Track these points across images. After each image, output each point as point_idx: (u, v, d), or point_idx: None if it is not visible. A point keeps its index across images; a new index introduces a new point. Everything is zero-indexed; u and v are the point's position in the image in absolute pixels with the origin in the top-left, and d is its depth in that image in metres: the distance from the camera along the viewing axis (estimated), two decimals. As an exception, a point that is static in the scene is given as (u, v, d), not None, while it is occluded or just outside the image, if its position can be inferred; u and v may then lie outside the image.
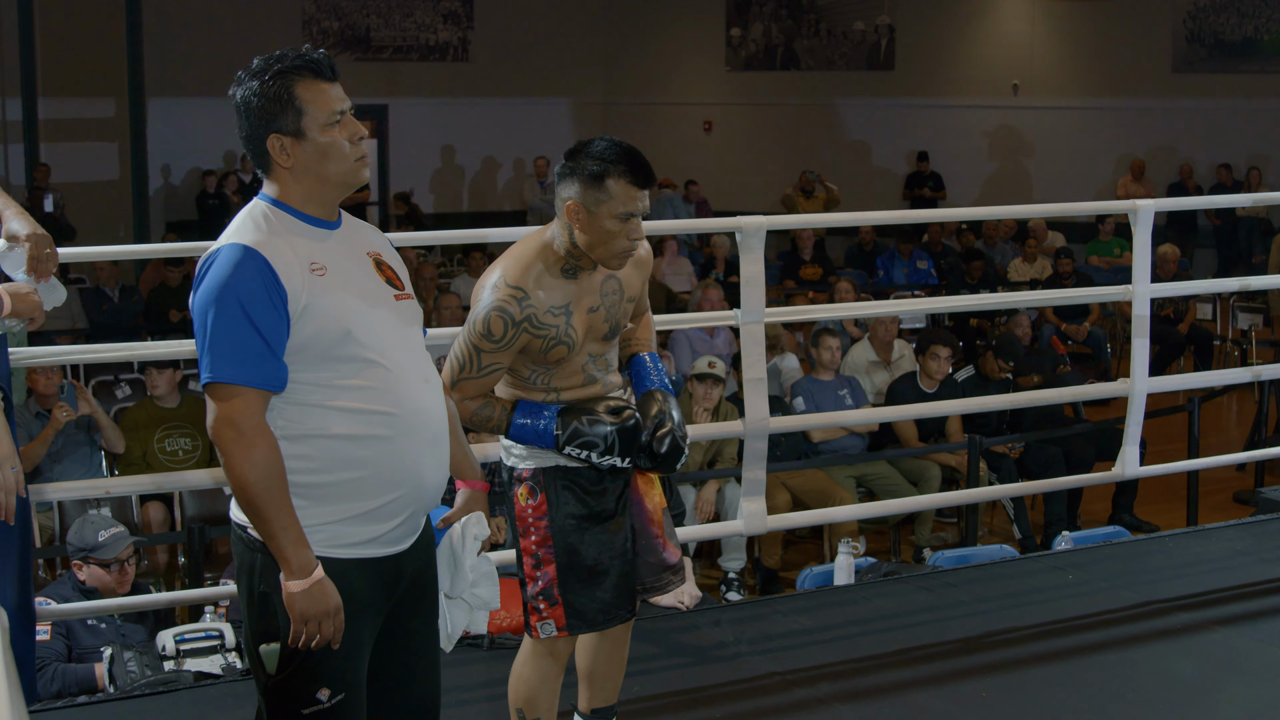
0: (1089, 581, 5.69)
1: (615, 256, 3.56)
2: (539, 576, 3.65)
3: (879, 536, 8.69)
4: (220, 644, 5.13)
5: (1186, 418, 8.79)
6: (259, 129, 2.98)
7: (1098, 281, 13.51)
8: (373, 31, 21.55)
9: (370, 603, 3.04)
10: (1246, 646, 5.03)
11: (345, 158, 3.03)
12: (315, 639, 2.91)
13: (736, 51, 22.68)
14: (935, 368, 8.70)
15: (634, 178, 3.50)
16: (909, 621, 5.27)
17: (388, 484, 3.01)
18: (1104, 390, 6.91)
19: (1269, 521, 6.53)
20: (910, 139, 20.72)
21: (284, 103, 2.96)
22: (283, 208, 3.01)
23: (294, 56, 2.99)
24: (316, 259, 2.96)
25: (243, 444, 2.85)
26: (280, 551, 2.89)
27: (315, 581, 2.90)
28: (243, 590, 3.04)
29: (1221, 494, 9.48)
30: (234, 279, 2.86)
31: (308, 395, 2.94)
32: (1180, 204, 13.20)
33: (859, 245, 16.20)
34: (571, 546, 3.63)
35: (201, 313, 2.89)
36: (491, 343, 3.51)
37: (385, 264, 3.13)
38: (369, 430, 2.97)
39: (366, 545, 3.01)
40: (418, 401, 3.06)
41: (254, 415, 2.87)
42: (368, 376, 2.97)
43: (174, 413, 8.01)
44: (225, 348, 2.86)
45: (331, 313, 2.93)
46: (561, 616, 3.64)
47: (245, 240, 2.91)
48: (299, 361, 2.93)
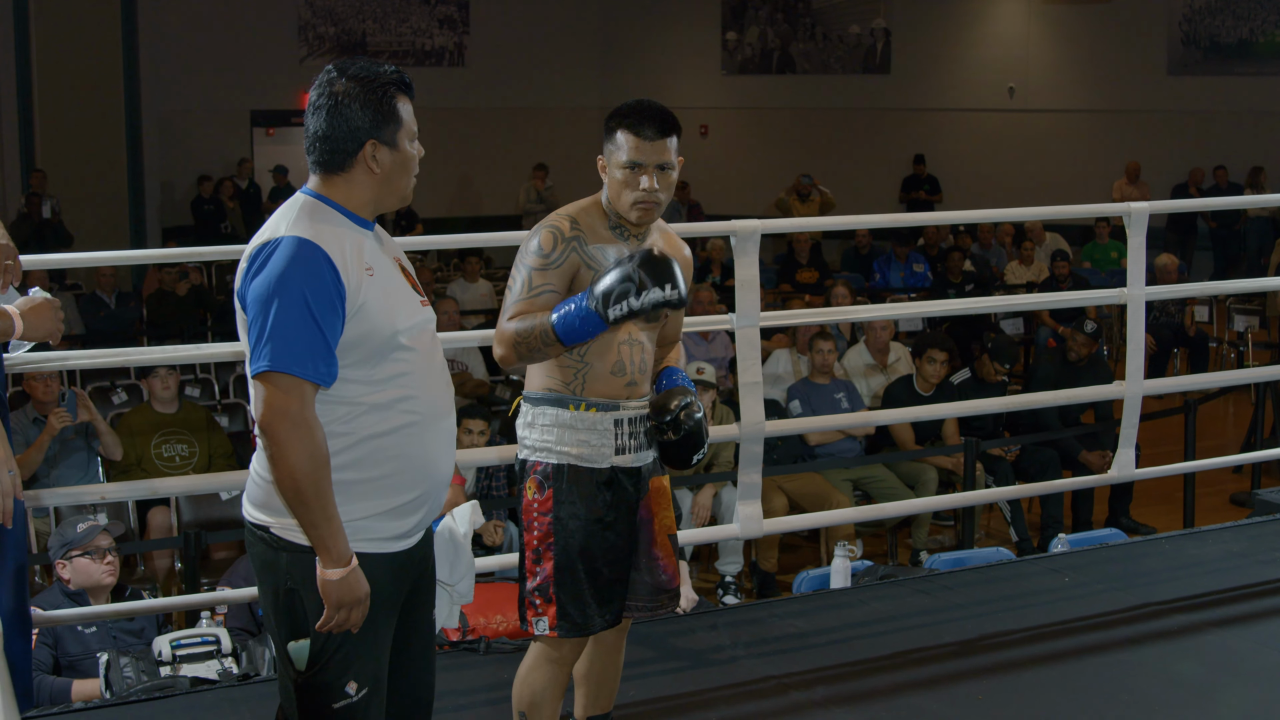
0: (1085, 584, 5.70)
1: (627, 209, 3.65)
2: (537, 572, 3.65)
3: (876, 539, 8.69)
4: (217, 649, 5.12)
5: (1183, 420, 8.79)
6: (358, 131, 3.05)
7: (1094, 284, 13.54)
8: (368, 37, 21.56)
9: (392, 597, 3.14)
10: (1243, 648, 5.03)
11: (413, 173, 3.17)
12: (343, 626, 2.99)
13: (732, 55, 22.69)
14: (932, 371, 8.70)
15: (635, 128, 3.61)
16: (905, 624, 5.27)
17: (414, 482, 3.11)
18: (1101, 393, 6.91)
19: (1265, 523, 6.54)
20: (906, 142, 20.74)
21: (389, 112, 3.08)
22: (334, 206, 3.08)
23: (392, 71, 3.11)
24: (368, 260, 3.05)
25: (299, 435, 2.90)
26: (322, 541, 2.94)
27: (352, 569, 2.97)
28: (267, 589, 3.09)
29: (1218, 496, 9.49)
30: (298, 271, 2.92)
31: (349, 392, 3.02)
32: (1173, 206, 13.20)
33: (855, 249, 16.22)
34: (572, 546, 3.63)
35: (263, 301, 2.93)
36: (542, 258, 3.57)
37: (406, 270, 3.23)
38: (402, 430, 3.06)
39: (391, 540, 3.11)
40: (443, 405, 3.19)
41: (308, 406, 2.93)
42: (406, 378, 3.07)
43: (172, 418, 8.01)
44: (287, 338, 2.90)
45: (384, 313, 3.03)
46: (554, 616, 3.64)
47: (307, 234, 2.97)
48: (346, 359, 3.00)
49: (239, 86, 19.94)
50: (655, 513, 3.77)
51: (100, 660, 5.12)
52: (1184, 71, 19.89)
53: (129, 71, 17.74)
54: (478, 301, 12.99)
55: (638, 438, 3.70)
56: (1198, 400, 9.16)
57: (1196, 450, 8.66)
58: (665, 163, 3.62)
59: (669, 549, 3.80)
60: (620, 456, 3.66)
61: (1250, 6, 19.48)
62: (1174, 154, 19.16)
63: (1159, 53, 20.01)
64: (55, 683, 5.29)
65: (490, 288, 13.62)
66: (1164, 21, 19.93)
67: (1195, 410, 8.81)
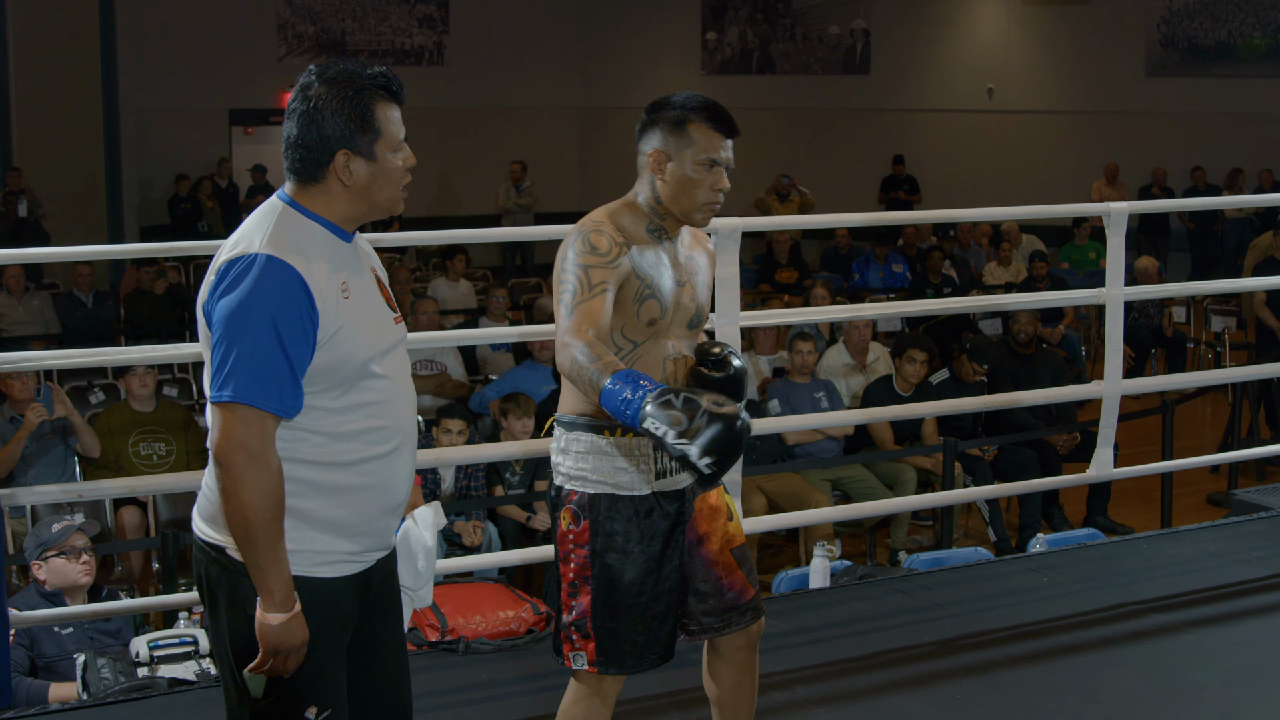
0: (1063, 583, 5.71)
1: (698, 208, 3.47)
2: (574, 606, 3.49)
3: (854, 539, 8.69)
4: (194, 650, 5.10)
5: (1161, 420, 8.82)
6: (328, 141, 2.89)
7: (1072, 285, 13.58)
8: (348, 36, 21.52)
9: (352, 616, 3.03)
10: (1220, 648, 5.05)
11: (398, 185, 3.00)
12: (277, 671, 2.87)
13: (712, 55, 22.70)
14: (911, 371, 8.71)
15: (716, 123, 3.45)
16: (884, 624, 5.28)
17: (378, 506, 3.00)
18: (1078, 392, 6.92)
19: (1242, 523, 6.56)
20: (885, 143, 20.76)
21: (364, 122, 2.91)
22: (312, 216, 2.93)
23: (374, 75, 2.94)
24: (345, 280, 2.91)
25: (254, 470, 2.77)
26: (265, 583, 2.81)
27: (294, 615, 2.84)
28: (221, 611, 2.95)
29: (1195, 496, 9.52)
30: (270, 296, 2.77)
31: (315, 421, 2.89)
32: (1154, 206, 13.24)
33: (834, 249, 16.24)
34: (610, 580, 3.44)
35: (230, 324, 2.78)
36: (598, 256, 3.35)
37: (382, 283, 3.09)
38: (370, 461, 2.95)
39: (352, 563, 3.00)
40: (409, 427, 3.05)
41: (268, 441, 2.79)
42: (375, 406, 2.95)
43: (149, 417, 7.99)
44: (251, 368, 2.77)
45: (357, 340, 2.89)
46: (593, 651, 3.46)
47: (282, 254, 2.81)
48: (316, 386, 2.87)
49: (217, 85, 19.90)
50: (706, 533, 3.57)
51: (77, 661, 5.10)
52: (1162, 73, 19.95)
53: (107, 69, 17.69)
54: (459, 301, 12.97)
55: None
56: (1175, 400, 9.20)
57: (1174, 450, 8.69)
58: (732, 162, 3.49)
59: (730, 564, 3.59)
60: (661, 481, 3.45)
61: (1228, 9, 19.55)
62: (1152, 155, 19.21)
63: (1137, 54, 20.07)
64: (32, 685, 5.26)
65: (470, 287, 13.60)
66: (1142, 23, 19.99)
67: (1173, 410, 8.84)
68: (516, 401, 7.81)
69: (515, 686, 4.74)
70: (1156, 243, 17.82)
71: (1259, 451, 8.12)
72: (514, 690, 4.72)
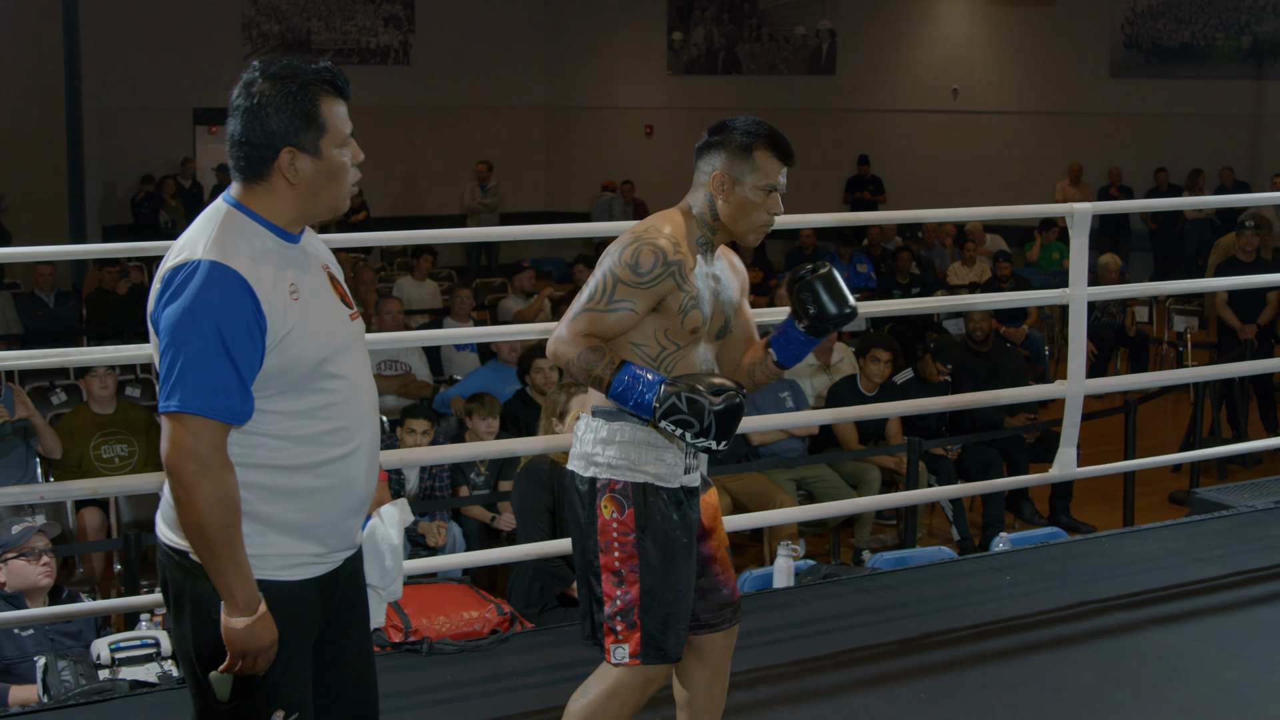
0: (1026, 582, 5.73)
1: (754, 229, 3.63)
2: (618, 596, 3.51)
3: (818, 539, 8.71)
4: (156, 652, 5.07)
5: (1123, 419, 8.86)
6: (273, 138, 2.86)
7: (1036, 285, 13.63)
8: (313, 35, 21.46)
9: (316, 618, 3.01)
10: (1181, 645, 5.07)
11: (345, 182, 2.96)
12: (247, 672, 2.86)
13: (678, 55, 22.70)
14: (875, 371, 8.73)
15: (778, 152, 3.59)
16: (848, 623, 5.29)
17: (339, 507, 2.98)
18: (1041, 392, 6.95)
19: (1203, 522, 6.59)
20: (850, 143, 20.81)
21: (309, 118, 2.87)
22: (256, 218, 2.89)
23: (318, 70, 2.91)
24: (293, 280, 2.87)
25: (207, 479, 2.75)
26: (228, 588, 2.80)
27: (259, 617, 2.83)
28: (185, 616, 2.93)
29: (1157, 495, 9.56)
30: (214, 303, 2.74)
31: (270, 424, 2.86)
32: (1117, 207, 13.32)
33: (799, 249, 16.26)
34: (659, 569, 3.51)
35: (175, 332, 2.75)
36: (636, 275, 3.43)
37: (336, 280, 3.06)
38: (327, 459, 2.92)
39: (316, 564, 2.98)
40: (369, 426, 3.03)
41: (218, 449, 2.77)
42: (333, 408, 2.92)
43: (110, 418, 7.95)
44: (198, 376, 2.74)
45: (308, 341, 2.86)
46: (637, 643, 3.50)
47: (226, 259, 2.78)
48: (269, 390, 2.84)
49: (181, 84, 19.80)
50: (710, 529, 3.72)
51: (38, 664, 5.06)
52: (1126, 74, 20.06)
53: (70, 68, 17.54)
54: (424, 301, 12.93)
55: (696, 455, 3.62)
56: (1138, 400, 9.25)
57: (1136, 449, 8.74)
58: (784, 190, 3.65)
59: (727, 563, 3.76)
60: (688, 475, 3.60)
61: (1192, 10, 19.68)
62: (1116, 156, 19.32)
63: (1101, 55, 20.18)
64: (-9, 688, 5.23)
65: (436, 287, 13.57)
66: (1107, 25, 20.09)
67: (1135, 410, 8.88)
68: (482, 402, 7.80)
69: (479, 687, 4.74)
70: (1118, 242, 17.90)
71: (1220, 450, 8.17)
72: (478, 691, 4.71)
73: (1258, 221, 11.38)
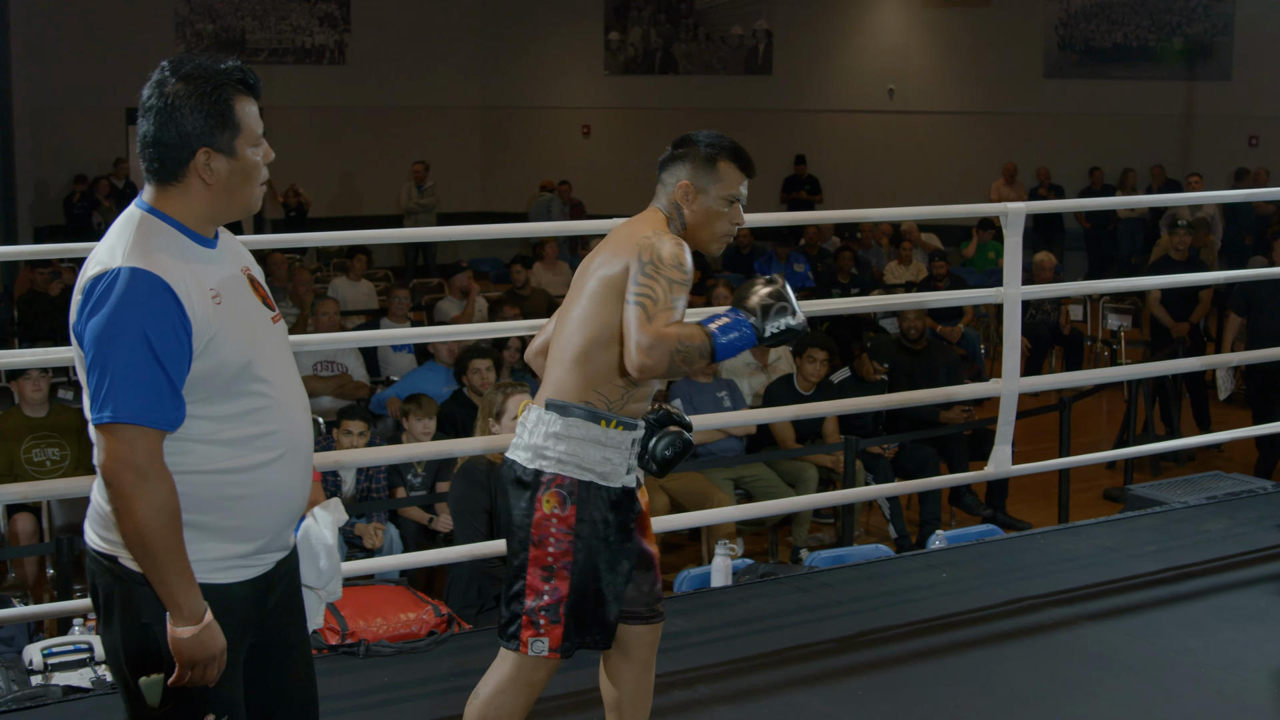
0: (963, 579, 5.76)
1: (717, 238, 3.71)
2: (546, 591, 3.52)
3: (756, 538, 8.74)
4: (90, 657, 5.03)
5: (1058, 417, 8.93)
6: (188, 139, 2.83)
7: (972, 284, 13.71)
8: (248, 34, 21.31)
9: (249, 621, 2.98)
10: (1115, 641, 5.11)
11: (258, 181, 2.95)
12: (198, 682, 2.84)
13: (615, 55, 22.70)
14: (812, 370, 8.75)
15: (741, 164, 3.69)
16: (786, 622, 5.30)
17: (271, 511, 2.96)
18: (976, 390, 6.99)
19: (1137, 518, 6.65)
20: (787, 143, 20.86)
21: (224, 118, 2.85)
22: (171, 223, 2.86)
23: (230, 69, 2.88)
24: (214, 285, 2.84)
25: (145, 488, 2.72)
26: (172, 598, 2.77)
27: (206, 626, 2.80)
28: (115, 621, 2.89)
29: (1092, 492, 9.64)
30: (139, 309, 2.71)
31: (201, 430, 2.83)
32: (1051, 206, 13.43)
33: (736, 248, 16.28)
34: (593, 568, 3.54)
35: (102, 343, 2.72)
36: (683, 274, 3.49)
37: (256, 281, 3.03)
38: (257, 463, 2.90)
39: (248, 568, 2.96)
40: (300, 428, 3.01)
41: (155, 456, 2.74)
42: (263, 412, 2.90)
43: (42, 422, 7.86)
44: (128, 385, 2.70)
45: (234, 344, 2.83)
46: (559, 637, 3.53)
47: (147, 264, 2.75)
48: (196, 395, 2.81)
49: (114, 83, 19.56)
50: (645, 525, 3.77)
51: (-33, 669, 5.01)
52: (1060, 75, 20.24)
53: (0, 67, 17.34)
54: (360, 301, 12.87)
55: (636, 456, 3.65)
56: (1072, 398, 9.32)
57: (1071, 447, 8.81)
58: (745, 202, 3.73)
59: (657, 559, 3.84)
60: (628, 476, 3.61)
61: (1125, 12, 19.87)
62: (1050, 156, 19.47)
63: (1036, 56, 20.34)
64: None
65: (371, 287, 13.51)
66: (1041, 26, 20.26)
67: (1070, 408, 8.96)
68: (418, 403, 7.77)
69: (416, 689, 4.72)
70: (1052, 242, 18.04)
71: (1154, 447, 8.24)
72: (415, 693, 4.69)
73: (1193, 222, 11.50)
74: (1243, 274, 9.26)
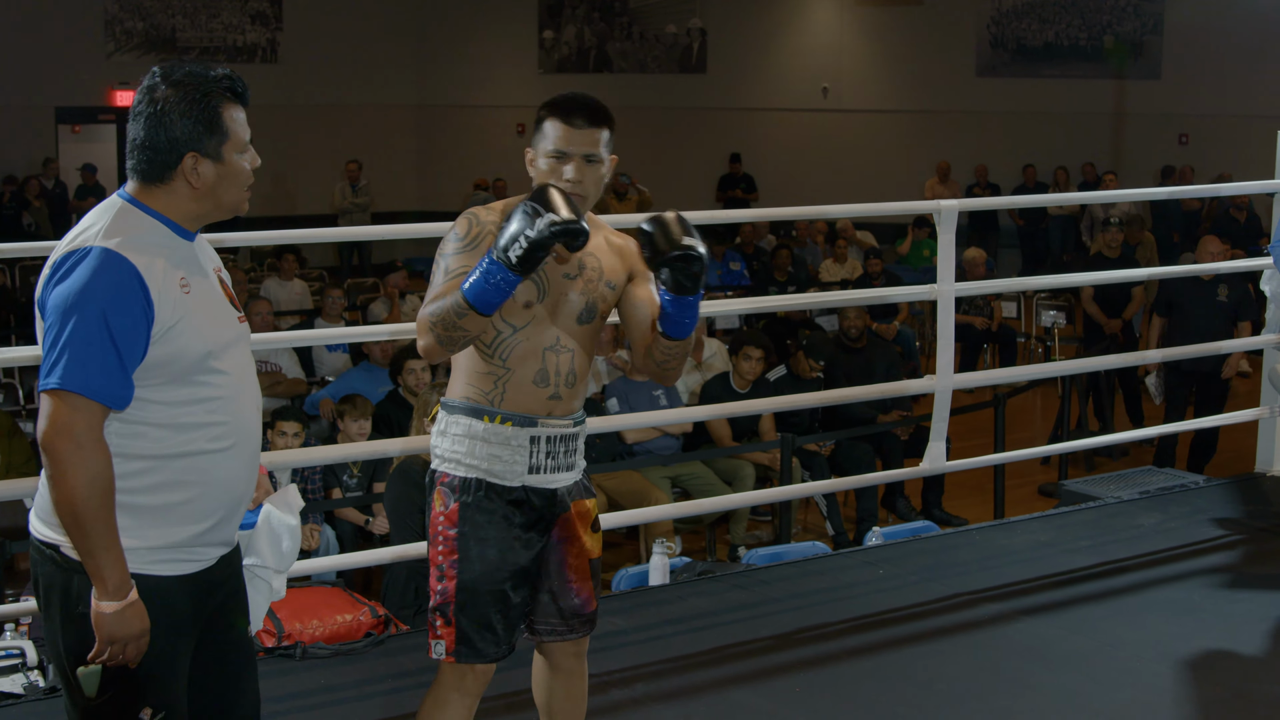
0: (899, 575, 5.78)
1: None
2: (439, 590, 3.42)
3: (694, 536, 8.74)
4: (22, 662, 4.97)
5: (993, 413, 8.99)
6: (177, 144, 2.91)
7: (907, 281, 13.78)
8: (178, 33, 21.15)
9: (190, 617, 3.00)
10: (1050, 635, 5.14)
11: (244, 186, 3.02)
12: (117, 661, 2.86)
13: (549, 54, 22.68)
14: (748, 368, 8.77)
15: (564, 116, 3.45)
16: (724, 620, 5.30)
17: (216, 507, 3.00)
18: (911, 387, 7.02)
19: (1071, 513, 6.70)
20: (722, 141, 20.92)
21: (212, 124, 2.93)
22: (151, 213, 2.94)
23: (220, 77, 2.96)
24: (184, 275, 2.92)
25: (80, 456, 2.77)
26: (98, 571, 2.81)
27: (130, 603, 2.83)
28: (54, 611, 2.93)
29: (1027, 487, 9.71)
30: (102, 285, 2.78)
31: (154, 414, 2.89)
32: (983, 204, 13.50)
33: (674, 246, 16.28)
34: (477, 566, 3.39)
35: (62, 313, 2.79)
36: (458, 241, 3.36)
37: (224, 281, 3.11)
38: (208, 455, 2.95)
39: (190, 562, 2.98)
40: (251, 425, 3.06)
41: (94, 429, 2.79)
42: (216, 402, 2.95)
43: (-29, 424, 7.78)
44: (78, 356, 2.77)
45: (197, 333, 2.90)
46: (453, 640, 3.41)
47: (119, 247, 2.82)
48: (153, 379, 2.87)
49: (43, 83, 19.43)
50: (571, 535, 3.55)
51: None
52: (992, 73, 20.39)
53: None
54: (293, 301, 12.81)
55: (556, 458, 3.47)
56: (1007, 394, 9.37)
57: (1006, 442, 8.86)
58: (592, 154, 3.44)
59: (585, 573, 3.59)
60: (533, 476, 3.44)
61: (1055, 11, 20.04)
62: (983, 154, 19.60)
63: (968, 55, 20.48)
64: None
65: (305, 287, 13.43)
66: (973, 25, 20.40)
67: (1004, 404, 9.02)
68: (353, 403, 7.73)
69: (353, 691, 4.69)
70: (987, 239, 18.17)
71: (1087, 443, 8.30)
72: (352, 695, 4.66)
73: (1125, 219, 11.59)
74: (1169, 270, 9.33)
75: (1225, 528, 6.42)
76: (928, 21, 20.42)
